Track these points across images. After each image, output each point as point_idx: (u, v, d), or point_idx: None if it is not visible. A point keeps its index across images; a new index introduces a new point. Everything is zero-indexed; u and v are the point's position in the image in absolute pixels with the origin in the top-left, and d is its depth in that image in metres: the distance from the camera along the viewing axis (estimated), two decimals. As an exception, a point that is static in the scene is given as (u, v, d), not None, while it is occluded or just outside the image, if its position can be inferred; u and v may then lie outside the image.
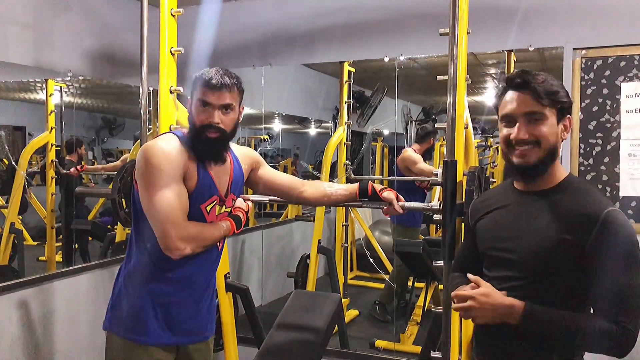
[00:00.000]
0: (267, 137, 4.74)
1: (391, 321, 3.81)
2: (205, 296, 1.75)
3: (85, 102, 3.40)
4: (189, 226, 1.57)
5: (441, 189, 1.78)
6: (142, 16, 2.22)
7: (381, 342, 3.47)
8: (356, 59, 3.44)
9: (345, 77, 3.71)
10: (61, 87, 3.09)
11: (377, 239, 4.41)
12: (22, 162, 2.95)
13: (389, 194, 1.81)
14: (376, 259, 4.13)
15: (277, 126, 4.78)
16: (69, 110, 3.17)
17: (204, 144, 1.61)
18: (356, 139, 4.66)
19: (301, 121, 5.18)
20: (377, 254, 4.17)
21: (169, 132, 1.75)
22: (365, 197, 1.85)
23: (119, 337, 1.67)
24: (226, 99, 1.61)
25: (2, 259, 2.89)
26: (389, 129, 5.12)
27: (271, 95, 3.86)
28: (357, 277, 4.78)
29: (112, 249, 3.36)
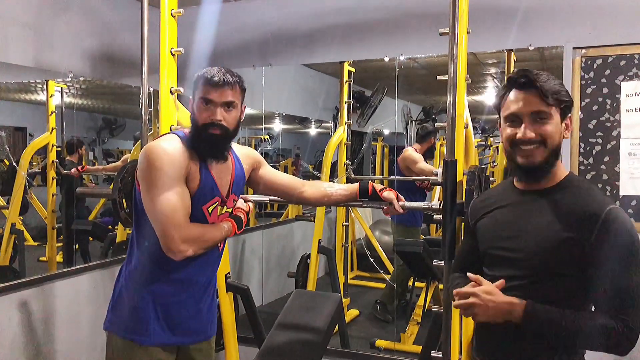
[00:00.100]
0: (267, 137, 4.74)
1: (392, 321, 3.81)
2: (205, 296, 1.75)
3: (85, 102, 3.40)
4: (191, 228, 1.57)
5: (441, 189, 1.78)
6: (143, 17, 2.22)
7: (382, 342, 3.47)
8: (356, 59, 3.44)
9: (345, 77, 3.71)
10: (62, 88, 3.09)
11: (378, 239, 4.40)
12: (23, 163, 2.96)
13: (389, 194, 1.81)
14: (376, 258, 4.13)
15: (277, 126, 4.78)
16: (69, 110, 3.17)
17: (207, 142, 1.61)
18: (356, 138, 4.66)
19: (301, 121, 5.18)
20: (377, 253, 4.16)
21: (170, 132, 1.74)
22: (365, 197, 1.85)
23: (119, 338, 1.67)
24: (228, 97, 1.61)
25: (3, 259, 2.89)
26: (389, 129, 5.12)
27: (271, 95, 3.86)
28: (358, 277, 4.78)
29: (112, 249, 3.37)
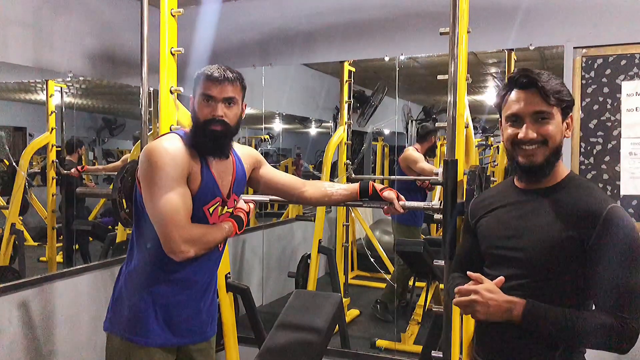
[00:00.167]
0: (267, 137, 4.73)
1: (392, 321, 3.81)
2: (206, 296, 1.75)
3: (85, 102, 3.40)
4: (193, 228, 1.56)
5: (442, 188, 1.78)
6: (142, 16, 2.22)
7: (382, 342, 3.47)
8: (356, 58, 3.44)
9: (345, 76, 3.70)
10: (62, 88, 3.09)
11: (378, 239, 4.40)
12: (23, 163, 2.95)
13: (390, 194, 1.81)
14: (377, 258, 4.12)
15: (277, 126, 4.78)
16: (69, 110, 3.17)
17: (208, 138, 1.60)
18: (357, 138, 4.66)
19: (302, 121, 5.17)
20: (377, 253, 4.16)
21: (171, 132, 1.74)
22: (365, 197, 1.85)
23: (119, 338, 1.66)
24: (229, 92, 1.61)
25: (3, 259, 2.89)
26: (389, 129, 5.11)
27: (271, 95, 3.86)
28: (358, 277, 4.78)
29: (112, 249, 3.37)
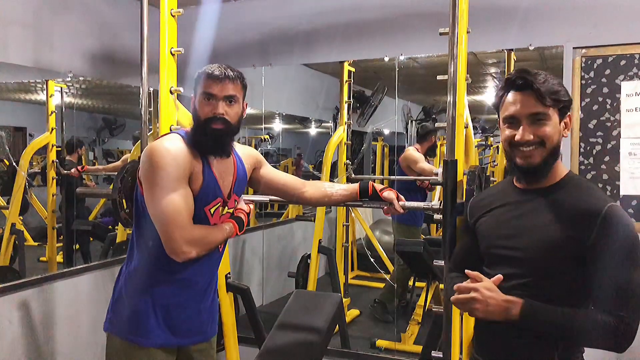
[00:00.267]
0: (267, 137, 4.73)
1: (392, 321, 3.81)
2: (206, 297, 1.75)
3: (85, 102, 3.40)
4: (195, 229, 1.56)
5: (442, 189, 1.78)
6: (142, 16, 2.22)
7: (382, 342, 3.47)
8: (356, 58, 3.44)
9: (345, 76, 3.70)
10: (62, 88, 3.09)
11: (378, 239, 4.40)
12: (23, 163, 2.95)
13: (389, 194, 1.81)
14: (377, 258, 4.13)
15: (277, 126, 4.78)
16: (69, 110, 3.17)
17: (209, 137, 1.60)
18: (356, 138, 4.66)
19: (301, 121, 5.17)
20: (377, 253, 4.17)
21: (172, 132, 1.74)
22: (365, 197, 1.85)
23: (119, 339, 1.66)
24: (229, 90, 1.61)
25: (3, 259, 2.89)
26: (389, 129, 5.12)
27: (271, 95, 3.86)
28: (358, 277, 4.78)
29: (112, 249, 3.37)
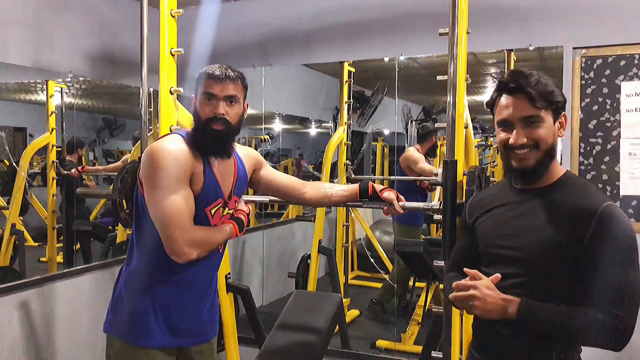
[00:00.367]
0: (267, 137, 4.73)
1: (392, 321, 3.81)
2: (206, 298, 1.74)
3: (85, 103, 3.40)
4: (196, 231, 1.56)
5: (441, 189, 1.78)
6: (142, 17, 2.22)
7: (382, 342, 3.47)
8: (356, 59, 3.44)
9: (345, 77, 3.70)
10: (62, 88, 3.09)
11: (378, 239, 4.40)
12: (23, 163, 2.95)
13: (389, 194, 1.81)
14: (377, 258, 4.12)
15: (277, 126, 4.78)
16: (69, 111, 3.17)
17: (210, 137, 1.60)
18: (356, 138, 4.66)
19: (301, 121, 5.17)
20: (377, 253, 4.16)
21: (172, 132, 1.73)
22: (365, 198, 1.85)
23: (119, 340, 1.66)
24: (230, 90, 1.60)
25: (3, 260, 2.89)
26: (389, 129, 5.11)
27: (271, 95, 3.86)
28: (358, 277, 4.78)
29: (113, 249, 3.37)
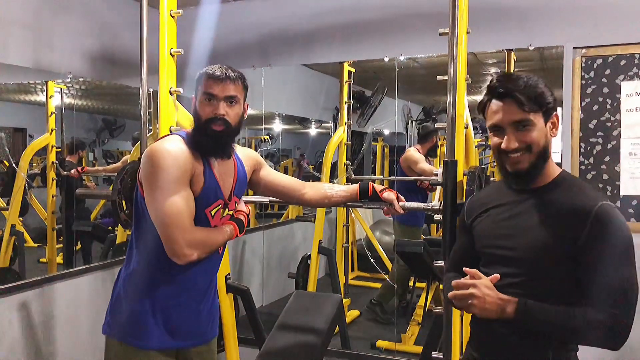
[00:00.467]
0: (267, 137, 4.73)
1: (392, 321, 3.81)
2: (205, 299, 1.74)
3: (85, 103, 3.40)
4: (196, 232, 1.55)
5: (441, 189, 1.78)
6: (142, 17, 2.22)
7: (382, 343, 3.47)
8: (356, 59, 3.44)
9: (345, 77, 3.70)
10: (61, 89, 3.09)
11: (378, 239, 4.40)
12: (23, 164, 2.95)
13: (389, 195, 1.81)
14: (377, 259, 4.12)
15: (277, 126, 4.78)
16: (69, 111, 3.17)
17: (210, 138, 1.59)
18: (356, 139, 4.66)
19: (301, 121, 5.18)
20: (378, 254, 4.16)
21: (172, 133, 1.73)
22: (365, 198, 1.85)
23: (118, 342, 1.65)
24: (230, 91, 1.60)
25: (3, 261, 2.89)
26: (389, 129, 5.11)
27: (271, 95, 3.86)
28: (358, 278, 4.78)
29: (112, 250, 3.37)
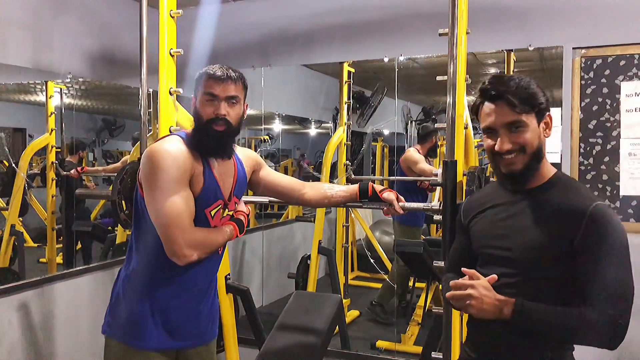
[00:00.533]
0: (267, 137, 4.73)
1: (392, 321, 3.81)
2: (205, 299, 1.74)
3: (85, 103, 3.40)
4: (196, 232, 1.55)
5: (441, 189, 1.78)
6: (142, 17, 2.22)
7: (382, 343, 3.47)
8: (356, 59, 3.44)
9: (345, 77, 3.70)
10: (61, 89, 3.09)
11: (378, 239, 4.40)
12: (23, 164, 2.95)
13: (389, 195, 1.81)
14: (377, 259, 4.12)
15: (277, 127, 4.78)
16: (69, 111, 3.17)
17: (211, 138, 1.59)
18: (356, 139, 4.66)
19: (301, 121, 5.17)
20: (377, 254, 4.16)
21: (172, 134, 1.73)
22: (365, 198, 1.85)
23: (117, 342, 1.65)
24: (231, 91, 1.60)
25: (3, 261, 2.89)
26: (389, 129, 5.11)
27: (271, 95, 3.86)
28: (358, 278, 4.78)
29: (112, 250, 3.37)
